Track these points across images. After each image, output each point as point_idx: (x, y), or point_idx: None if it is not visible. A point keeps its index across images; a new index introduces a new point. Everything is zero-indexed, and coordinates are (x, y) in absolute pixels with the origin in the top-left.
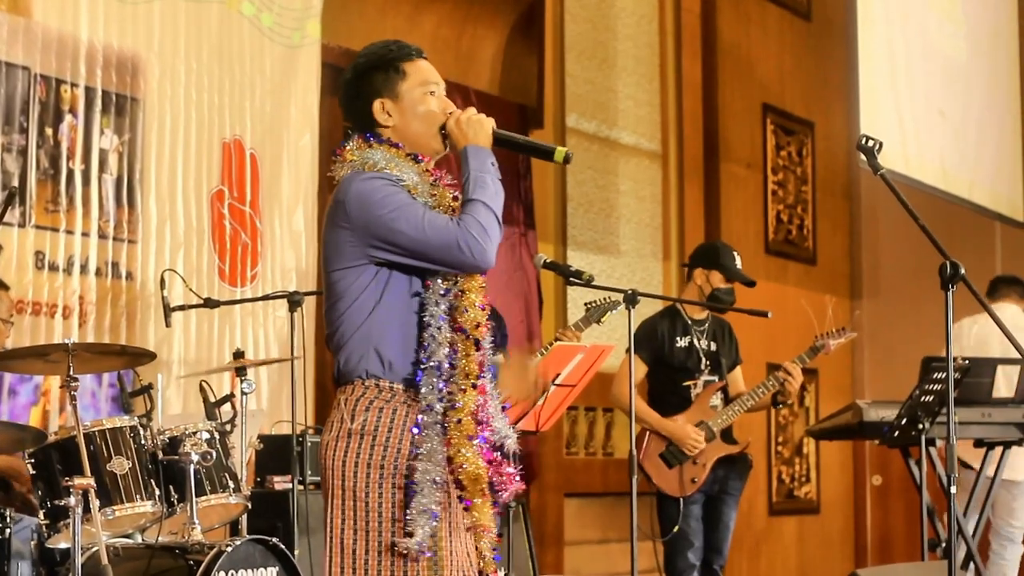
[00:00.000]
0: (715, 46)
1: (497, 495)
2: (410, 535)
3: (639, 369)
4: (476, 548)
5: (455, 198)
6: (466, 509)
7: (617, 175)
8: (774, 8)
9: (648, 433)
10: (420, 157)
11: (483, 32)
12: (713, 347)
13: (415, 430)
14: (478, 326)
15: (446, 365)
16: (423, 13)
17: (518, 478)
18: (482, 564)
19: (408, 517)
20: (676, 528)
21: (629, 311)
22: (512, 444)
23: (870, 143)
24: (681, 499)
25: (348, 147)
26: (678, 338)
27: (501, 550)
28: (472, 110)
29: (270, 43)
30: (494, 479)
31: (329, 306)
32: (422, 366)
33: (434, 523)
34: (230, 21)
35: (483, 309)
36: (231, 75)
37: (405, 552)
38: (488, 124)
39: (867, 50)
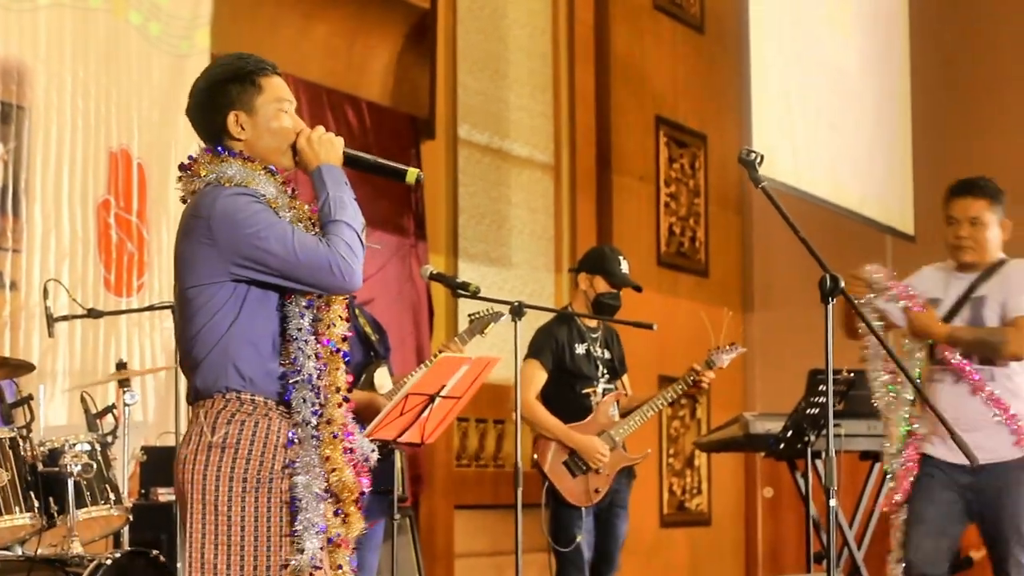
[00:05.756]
0: (608, 58)
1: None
2: (300, 551)
3: (541, 376)
4: (334, 561)
5: (312, 210)
6: (344, 521)
7: (509, 187)
8: (667, 20)
9: (549, 442)
10: (275, 170)
11: (375, 42)
12: (607, 355)
13: (289, 444)
14: (344, 339)
15: (315, 379)
16: (314, 23)
17: (367, 483)
18: None
19: (296, 532)
20: (579, 538)
21: (516, 323)
22: (375, 458)
23: (752, 156)
24: (583, 509)
25: (199, 160)
26: (576, 345)
27: (384, 563)
28: (321, 128)
29: (158, 52)
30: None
31: (184, 323)
32: (292, 380)
33: (321, 535)
34: (117, 30)
35: (346, 322)
36: (118, 84)
37: (297, 567)
38: (339, 143)
39: (759, 63)
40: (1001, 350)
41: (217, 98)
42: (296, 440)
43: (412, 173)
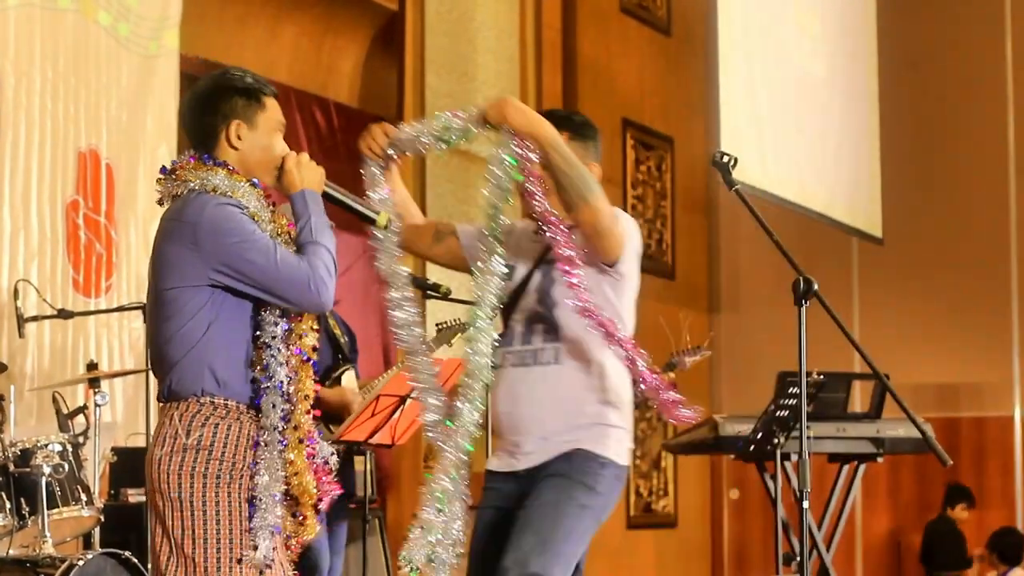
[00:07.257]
0: (575, 61)
1: (319, 504)
2: (255, 548)
3: None
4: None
5: (288, 225)
6: (301, 524)
7: (476, 188)
8: (634, 23)
9: None
10: (258, 183)
11: (343, 44)
12: None
13: (255, 447)
14: (314, 349)
15: (286, 385)
16: (283, 24)
17: (337, 488)
18: None
19: (252, 530)
20: None
21: None
22: (335, 461)
23: (725, 159)
24: None
25: (184, 166)
26: None
27: (354, 565)
28: (306, 155)
29: (127, 53)
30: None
31: (160, 323)
32: (263, 386)
33: (276, 536)
34: (86, 30)
35: (316, 333)
36: (87, 85)
37: (251, 563)
38: (321, 172)
39: (726, 66)
40: (585, 197)
41: (221, 105)
42: (262, 443)
43: (383, 217)
